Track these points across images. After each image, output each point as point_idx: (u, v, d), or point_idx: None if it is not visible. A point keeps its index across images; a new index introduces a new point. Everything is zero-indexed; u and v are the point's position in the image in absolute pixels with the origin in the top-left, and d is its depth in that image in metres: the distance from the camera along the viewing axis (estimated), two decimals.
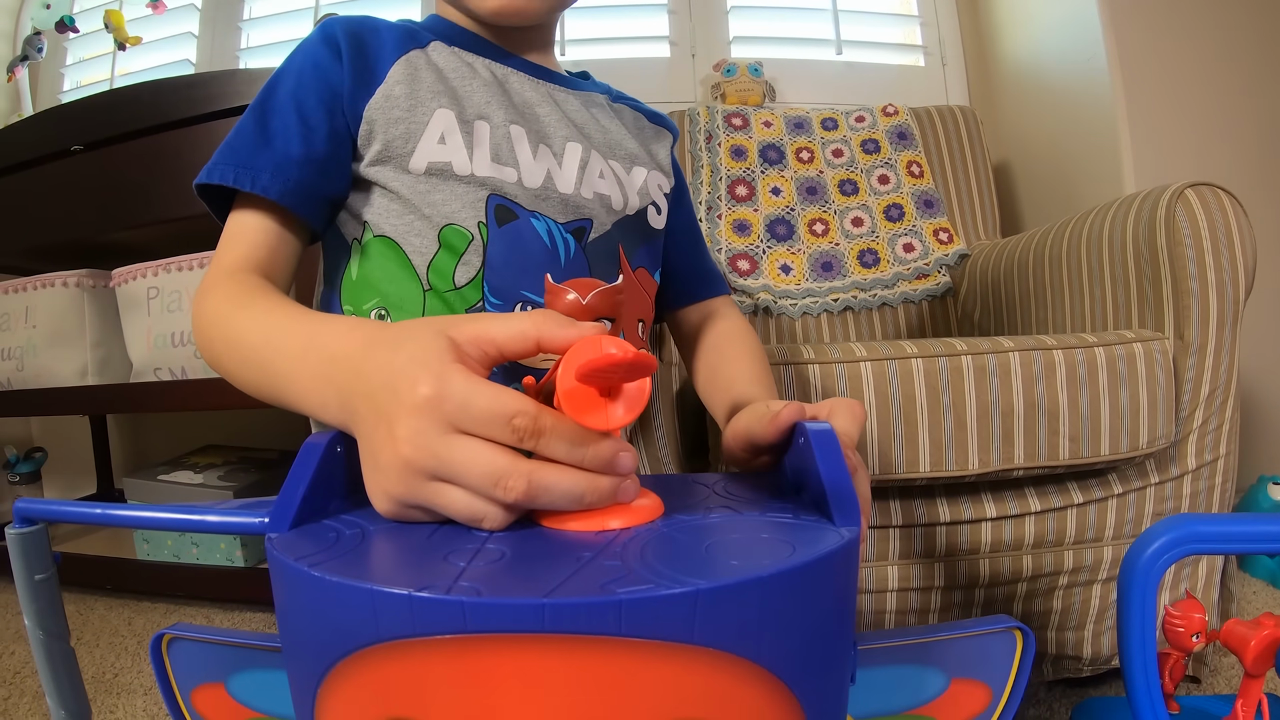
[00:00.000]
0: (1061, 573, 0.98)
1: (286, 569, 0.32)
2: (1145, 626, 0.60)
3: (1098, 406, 0.89)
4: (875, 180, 1.76)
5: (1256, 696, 0.64)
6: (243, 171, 0.58)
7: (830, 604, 0.31)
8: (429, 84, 0.63)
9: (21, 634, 1.51)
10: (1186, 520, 0.60)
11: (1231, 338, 0.99)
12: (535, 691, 0.27)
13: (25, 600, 0.45)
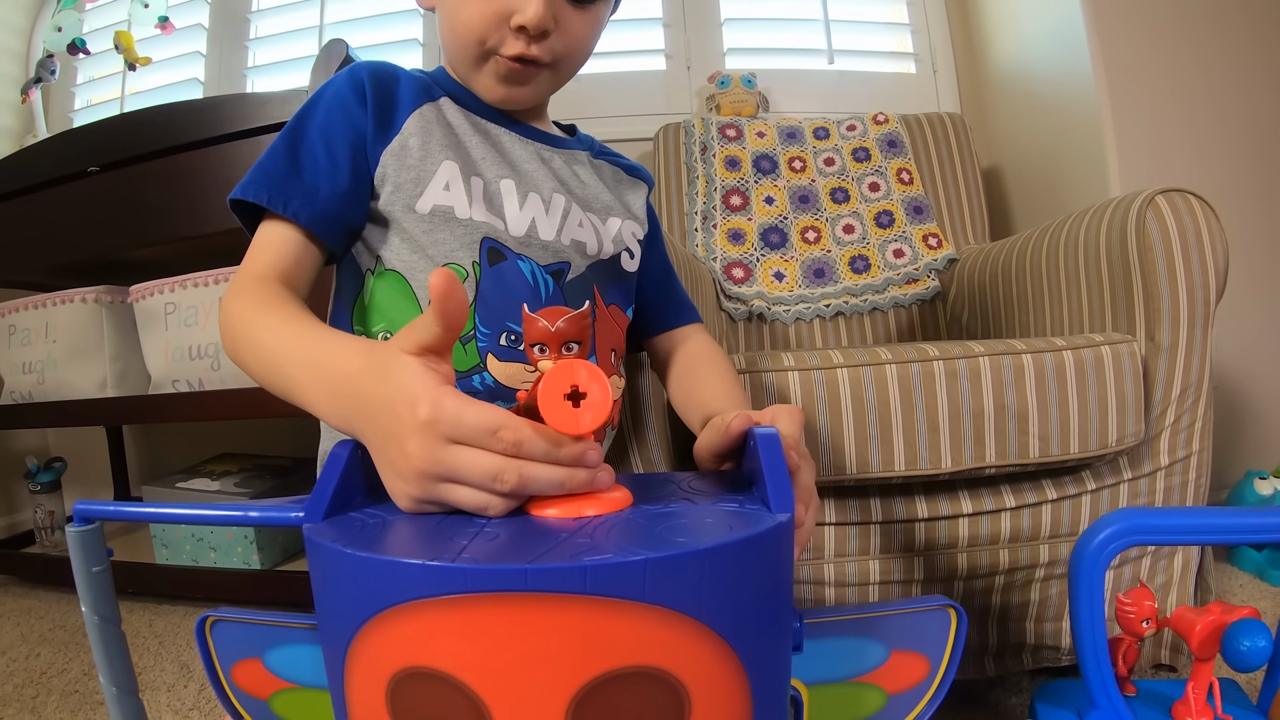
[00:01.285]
0: (1038, 565, 1.02)
1: (323, 550, 0.39)
2: (1094, 611, 0.65)
3: (1066, 407, 0.94)
4: (866, 188, 1.81)
5: (1207, 679, 0.69)
6: (276, 195, 0.65)
7: (763, 575, 0.38)
8: (439, 138, 0.70)
9: (46, 637, 1.56)
10: (1131, 513, 0.65)
11: (1203, 339, 1.03)
12: (522, 638, 0.34)
13: (83, 590, 0.50)
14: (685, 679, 0.35)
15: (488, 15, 0.67)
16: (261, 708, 0.49)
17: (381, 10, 2.15)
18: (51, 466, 1.97)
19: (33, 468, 1.96)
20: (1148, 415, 1.02)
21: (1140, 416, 0.98)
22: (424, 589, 0.34)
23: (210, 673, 0.50)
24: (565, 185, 0.77)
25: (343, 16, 2.15)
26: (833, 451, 0.93)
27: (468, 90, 0.75)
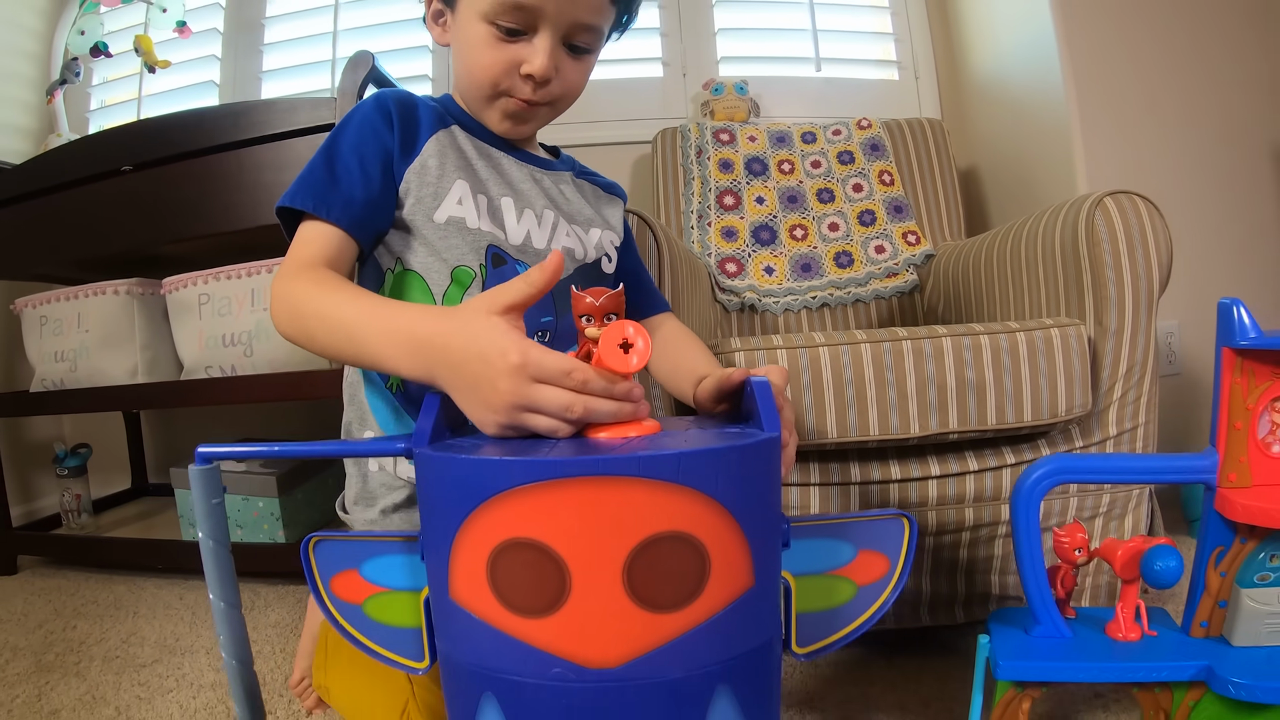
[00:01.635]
0: (1000, 523, 1.15)
1: (435, 460, 0.51)
2: (1032, 540, 0.78)
3: (1020, 381, 1.07)
4: (850, 189, 1.94)
5: (1133, 601, 0.81)
6: (320, 203, 0.77)
7: (760, 473, 0.51)
8: (453, 160, 0.84)
9: (80, 611, 1.66)
10: (1059, 457, 0.78)
11: (1147, 323, 1.16)
12: (593, 511, 0.46)
13: (202, 518, 0.61)
14: (706, 542, 0.48)
15: (501, 63, 0.81)
16: (356, 611, 0.61)
17: (393, 18, 2.25)
18: (77, 452, 2.07)
19: (60, 453, 2.06)
20: (1096, 390, 1.15)
21: (1087, 390, 1.10)
22: (524, 478, 0.47)
23: (312, 585, 0.62)
24: (554, 202, 0.91)
25: (356, 24, 2.26)
26: (815, 419, 1.06)
27: (474, 119, 0.88)
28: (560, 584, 0.47)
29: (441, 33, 0.88)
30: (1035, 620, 0.80)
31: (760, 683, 0.53)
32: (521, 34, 0.80)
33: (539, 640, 0.48)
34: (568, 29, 0.81)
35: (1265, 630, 0.76)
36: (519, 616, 0.48)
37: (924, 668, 1.17)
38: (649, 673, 0.48)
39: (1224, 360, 0.77)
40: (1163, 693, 0.78)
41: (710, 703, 0.50)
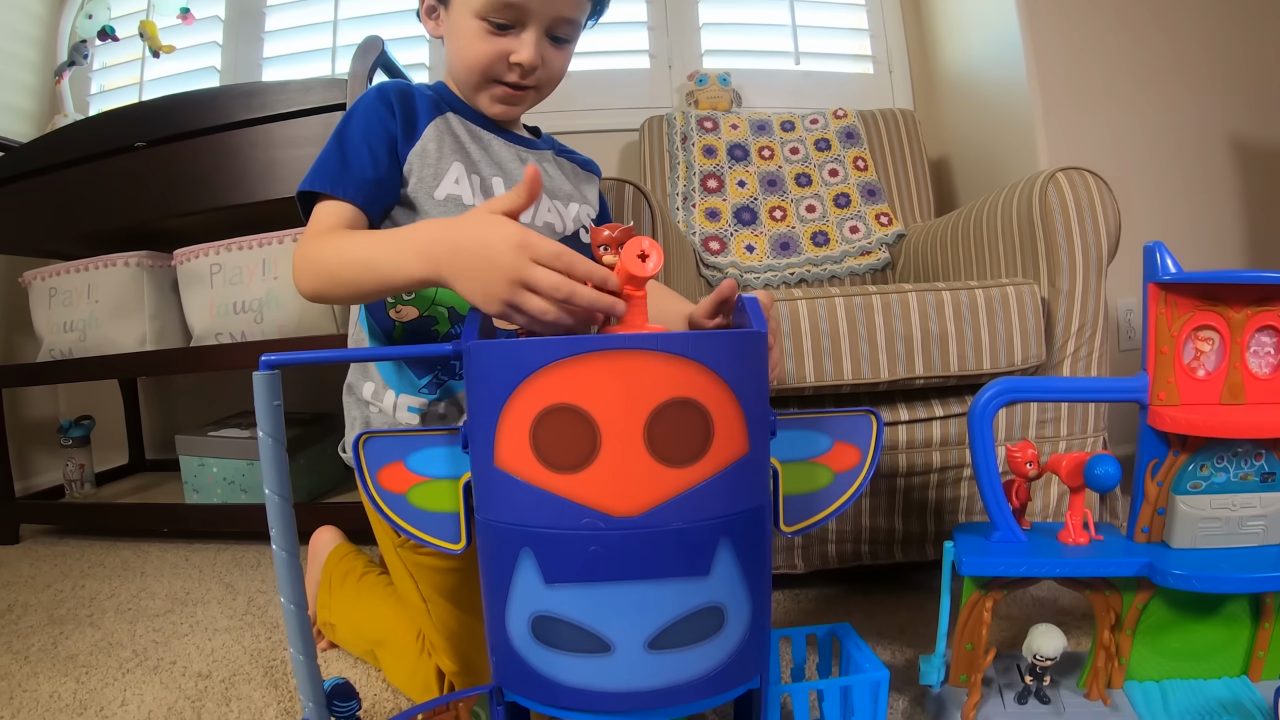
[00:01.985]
0: (965, 465, 1.27)
1: (487, 347, 0.61)
2: (987, 454, 0.89)
3: (979, 332, 1.19)
4: (826, 173, 2.05)
5: (1080, 508, 0.91)
6: (337, 185, 0.88)
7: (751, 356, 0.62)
8: (450, 144, 0.96)
9: (88, 573, 1.70)
10: (1008, 379, 0.89)
11: (1097, 286, 1.27)
12: (621, 379, 0.57)
13: (263, 419, 0.69)
14: (710, 408, 0.59)
15: (493, 54, 0.93)
16: (400, 500, 0.71)
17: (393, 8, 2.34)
18: (81, 423, 2.14)
19: (64, 423, 2.12)
20: (1050, 344, 1.26)
21: (1041, 343, 1.22)
22: (563, 353, 0.57)
23: (360, 478, 0.71)
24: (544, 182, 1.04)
25: (356, 13, 2.34)
26: (795, 366, 1.17)
27: (466, 104, 1.00)
28: (592, 442, 0.57)
29: (435, 26, 0.99)
30: (994, 527, 0.91)
31: (754, 541, 0.64)
32: (510, 28, 0.92)
33: (572, 493, 0.58)
34: (550, 23, 0.93)
35: (1200, 533, 0.87)
36: (556, 473, 0.58)
37: (899, 601, 1.28)
38: (665, 520, 0.58)
39: (1150, 294, 0.88)
40: (1113, 595, 0.89)
41: (715, 553, 0.61)
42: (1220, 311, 0.87)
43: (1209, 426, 0.83)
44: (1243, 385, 0.88)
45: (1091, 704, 0.89)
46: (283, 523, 0.69)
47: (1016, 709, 0.89)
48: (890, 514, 1.27)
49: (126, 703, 1.07)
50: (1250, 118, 2.23)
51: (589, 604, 0.60)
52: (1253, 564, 0.84)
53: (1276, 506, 0.87)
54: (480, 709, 0.71)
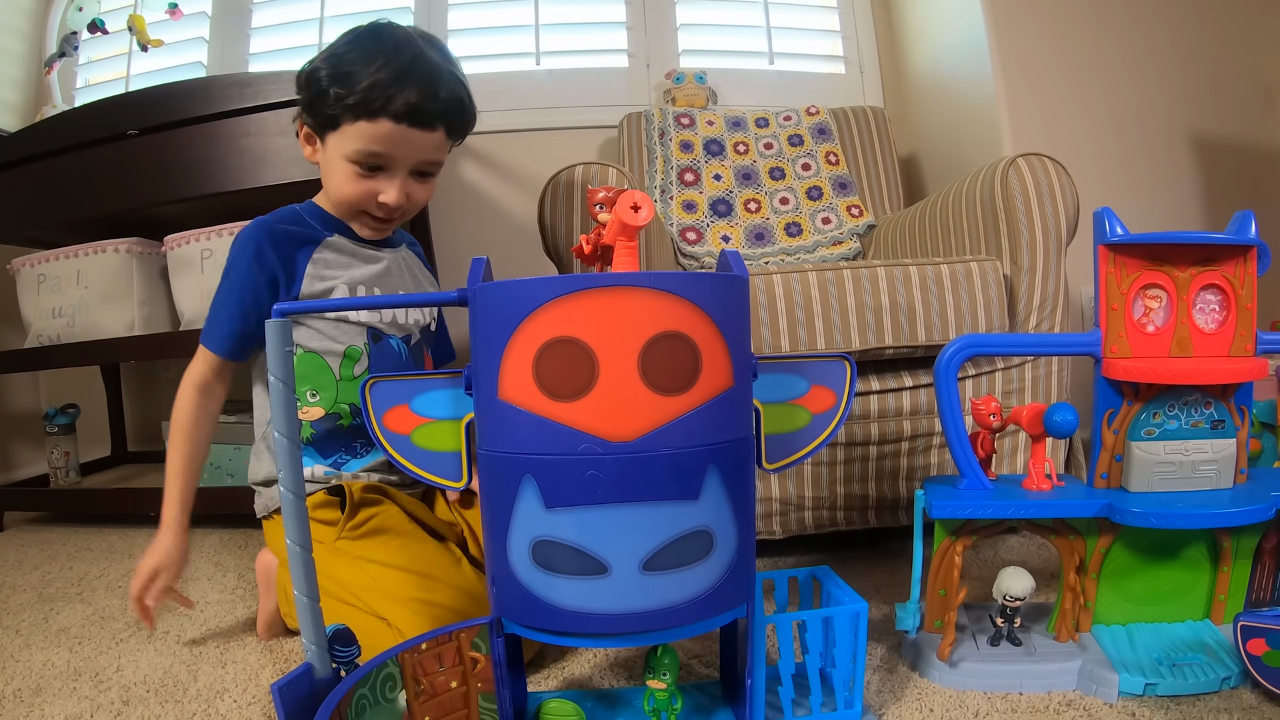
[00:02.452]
0: (934, 434, 1.33)
1: (494, 288, 0.67)
2: (953, 406, 0.95)
3: (945, 305, 1.25)
4: (799, 168, 2.12)
5: (1042, 457, 0.97)
6: (207, 338, 1.12)
7: (735, 298, 0.68)
8: (332, 264, 1.11)
9: (75, 556, 1.72)
10: (970, 335, 0.96)
11: (1057, 263, 1.34)
12: (618, 313, 0.63)
13: (273, 364, 0.73)
14: (699, 343, 0.65)
15: (362, 192, 1.07)
16: (404, 440, 0.76)
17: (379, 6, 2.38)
18: (66, 411, 2.15)
19: (50, 411, 2.14)
20: (1013, 317, 1.33)
21: (1004, 315, 1.29)
22: (565, 289, 0.63)
23: (366, 420, 0.76)
24: (404, 279, 1.20)
25: (342, 10, 2.37)
26: (770, 336, 1.23)
27: (341, 223, 1.14)
28: (590, 371, 0.62)
29: (311, 152, 1.12)
30: (962, 475, 0.97)
31: (740, 471, 0.70)
32: (379, 169, 1.05)
33: (572, 420, 0.64)
34: (414, 164, 1.07)
35: (1156, 477, 0.93)
36: (557, 402, 0.64)
37: (874, 564, 1.34)
38: (657, 446, 0.64)
39: (1100, 256, 0.95)
40: (1076, 540, 0.95)
41: (704, 478, 0.66)
42: (1167, 271, 0.94)
43: (1159, 374, 0.90)
44: (1190, 339, 0.94)
45: (1061, 645, 0.95)
46: (290, 465, 0.73)
47: (989, 650, 0.95)
48: (864, 481, 1.33)
49: (122, 669, 1.09)
50: (1207, 115, 2.32)
51: (587, 527, 0.65)
52: (1206, 503, 0.90)
53: (1227, 451, 0.94)
54: (481, 640, 0.76)
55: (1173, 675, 0.87)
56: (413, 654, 0.73)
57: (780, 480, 1.31)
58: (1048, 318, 1.34)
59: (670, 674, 0.78)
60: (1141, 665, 0.89)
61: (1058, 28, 2.23)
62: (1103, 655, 0.92)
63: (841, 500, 1.33)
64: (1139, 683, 0.86)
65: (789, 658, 0.86)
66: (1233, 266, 0.95)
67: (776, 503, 1.31)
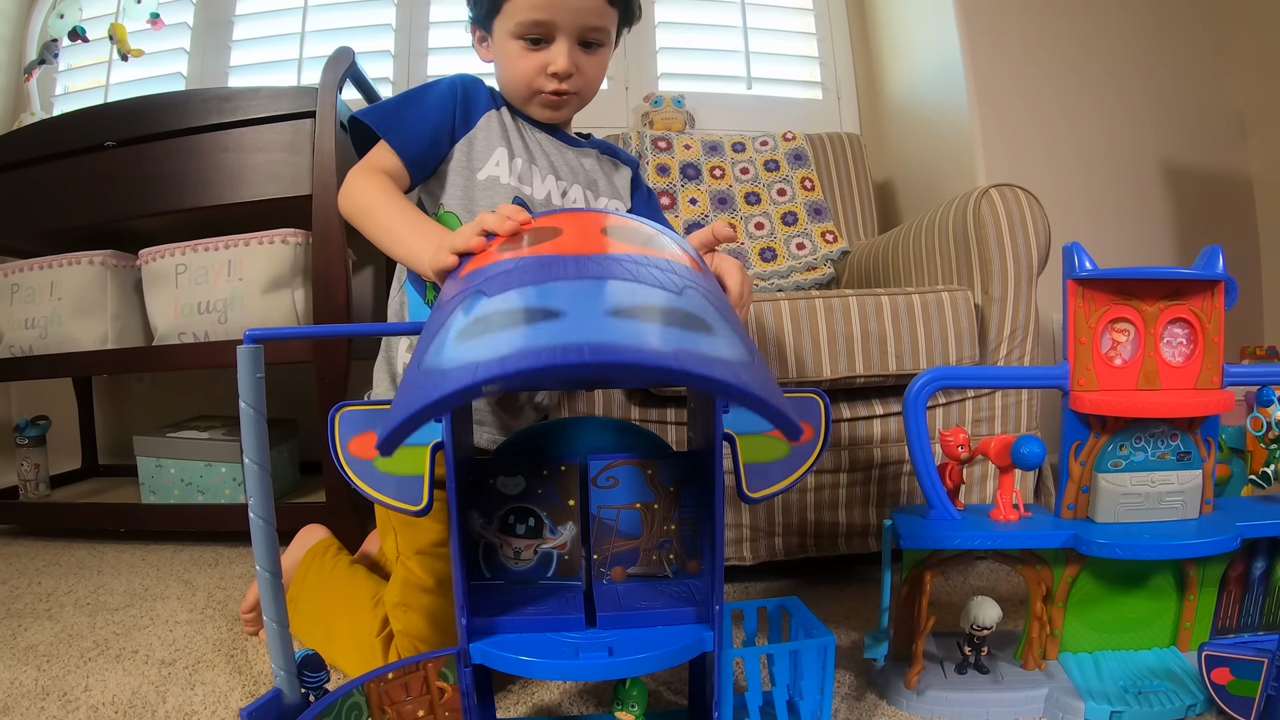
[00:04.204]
0: (905, 461, 1.35)
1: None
2: (921, 438, 0.97)
3: (915, 334, 1.27)
4: (775, 193, 2.14)
5: (1009, 488, 0.99)
6: (389, 130, 1.05)
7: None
8: (498, 132, 1.11)
9: (44, 570, 1.69)
10: (939, 368, 0.97)
11: (1028, 293, 1.37)
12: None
13: (245, 390, 0.73)
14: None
15: (532, 67, 1.07)
16: (367, 466, 0.76)
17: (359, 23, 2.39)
18: (38, 423, 2.13)
19: (21, 422, 2.11)
20: (984, 347, 1.35)
21: (975, 344, 1.31)
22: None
23: (331, 446, 0.76)
24: (574, 171, 1.16)
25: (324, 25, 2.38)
26: None
27: (519, 110, 1.14)
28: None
29: (485, 52, 1.15)
30: (930, 506, 0.98)
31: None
32: (544, 42, 1.06)
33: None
34: (579, 31, 1.06)
35: (1122, 508, 0.95)
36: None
37: (843, 591, 1.35)
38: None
39: (1069, 290, 0.97)
40: (1043, 569, 0.96)
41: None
42: (1134, 305, 0.96)
43: (1125, 407, 0.92)
44: (1157, 372, 0.96)
45: (1028, 673, 0.97)
46: (260, 491, 0.74)
47: (957, 678, 0.96)
48: (834, 508, 1.34)
49: (90, 689, 1.08)
50: (1179, 144, 2.38)
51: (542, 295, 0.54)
52: (1172, 534, 0.92)
53: (1193, 482, 0.96)
54: (448, 669, 0.76)
55: (1139, 703, 0.88)
56: (379, 683, 0.73)
57: (750, 506, 1.32)
58: (1018, 347, 1.36)
59: (639, 705, 0.78)
60: (1108, 693, 0.90)
61: (1033, 58, 2.28)
62: (1069, 683, 0.93)
63: (812, 527, 1.34)
64: (1105, 710, 0.88)
65: (756, 690, 0.86)
66: (1200, 301, 0.97)
67: (747, 529, 1.32)
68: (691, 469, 0.82)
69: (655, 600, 0.78)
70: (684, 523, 0.82)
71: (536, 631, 0.75)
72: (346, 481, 0.75)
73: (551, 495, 0.81)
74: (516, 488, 0.80)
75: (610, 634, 0.74)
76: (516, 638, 0.75)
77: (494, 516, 0.81)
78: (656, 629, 0.75)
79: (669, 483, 0.81)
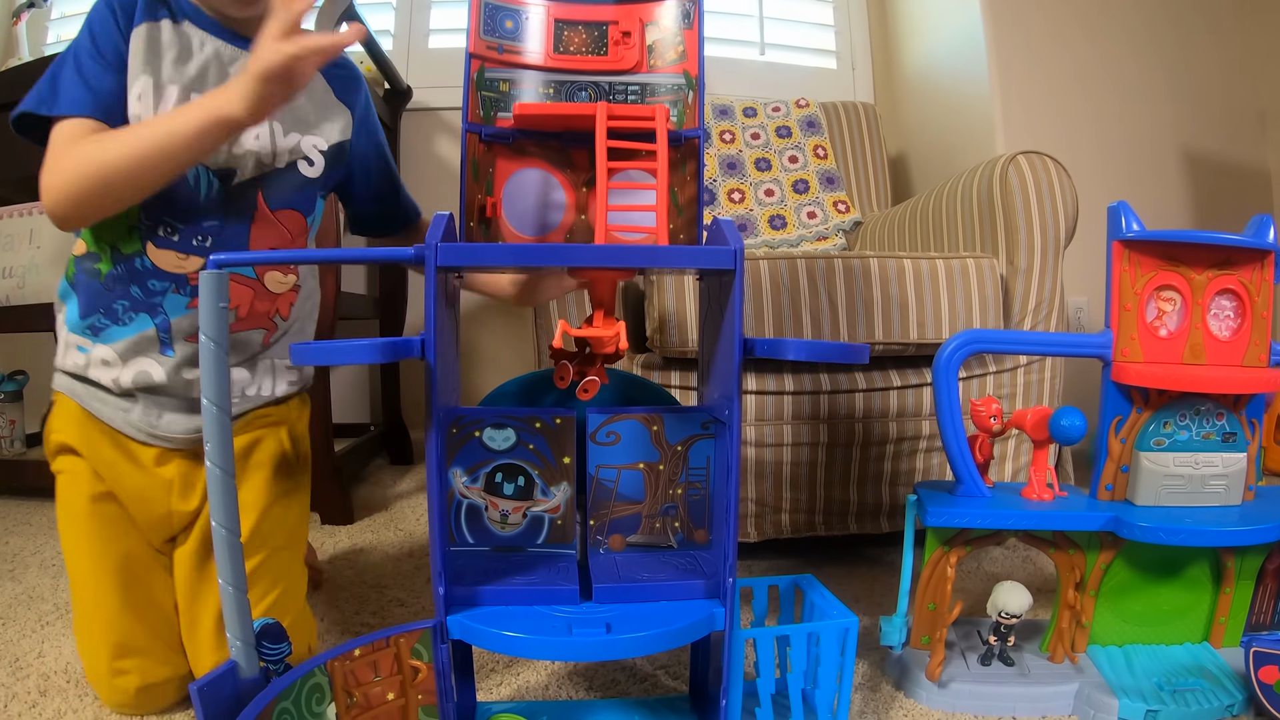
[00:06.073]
0: (920, 438, 1.27)
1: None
2: (952, 407, 0.89)
3: (939, 302, 1.19)
4: (786, 160, 2.05)
5: (1044, 464, 0.91)
6: (56, 104, 0.81)
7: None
8: (141, 55, 0.84)
9: (13, 530, 1.62)
10: (972, 331, 0.89)
11: (1055, 265, 1.29)
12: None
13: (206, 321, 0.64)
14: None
15: None
16: None
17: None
18: (14, 378, 2.04)
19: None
20: (1007, 319, 1.27)
21: (999, 316, 1.23)
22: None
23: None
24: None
25: None
26: (754, 324, 1.17)
27: (193, 5, 0.87)
28: None
29: None
30: (959, 481, 0.90)
31: None
32: None
33: None
34: None
35: (1164, 490, 0.88)
36: None
37: (851, 573, 1.27)
38: None
39: (1114, 252, 0.89)
40: (1076, 554, 0.89)
41: None
42: (1182, 273, 0.88)
43: (1173, 380, 0.84)
44: (1204, 346, 0.88)
45: (1056, 666, 0.89)
46: (219, 437, 0.65)
47: (981, 670, 0.88)
48: (845, 484, 1.26)
49: (44, 655, 1.02)
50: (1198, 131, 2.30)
51: None
52: (1216, 521, 0.84)
53: (1237, 466, 0.88)
54: (423, 646, 0.67)
55: (1174, 702, 0.81)
56: (344, 661, 0.65)
57: (757, 481, 1.24)
58: (1042, 321, 1.29)
59: None
60: (1142, 690, 0.83)
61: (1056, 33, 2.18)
62: (1100, 679, 0.86)
63: (821, 504, 1.26)
64: (1140, 709, 0.81)
65: (769, 676, 0.76)
66: (1249, 272, 0.89)
67: (753, 504, 1.24)
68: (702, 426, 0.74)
69: (658, 572, 0.70)
70: (692, 486, 0.74)
71: (524, 604, 0.67)
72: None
73: (545, 451, 0.72)
74: (505, 442, 0.72)
75: (607, 609, 0.66)
76: (501, 610, 0.66)
77: (479, 474, 0.73)
78: (660, 604, 0.67)
79: (677, 441, 0.73)
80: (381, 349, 0.55)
